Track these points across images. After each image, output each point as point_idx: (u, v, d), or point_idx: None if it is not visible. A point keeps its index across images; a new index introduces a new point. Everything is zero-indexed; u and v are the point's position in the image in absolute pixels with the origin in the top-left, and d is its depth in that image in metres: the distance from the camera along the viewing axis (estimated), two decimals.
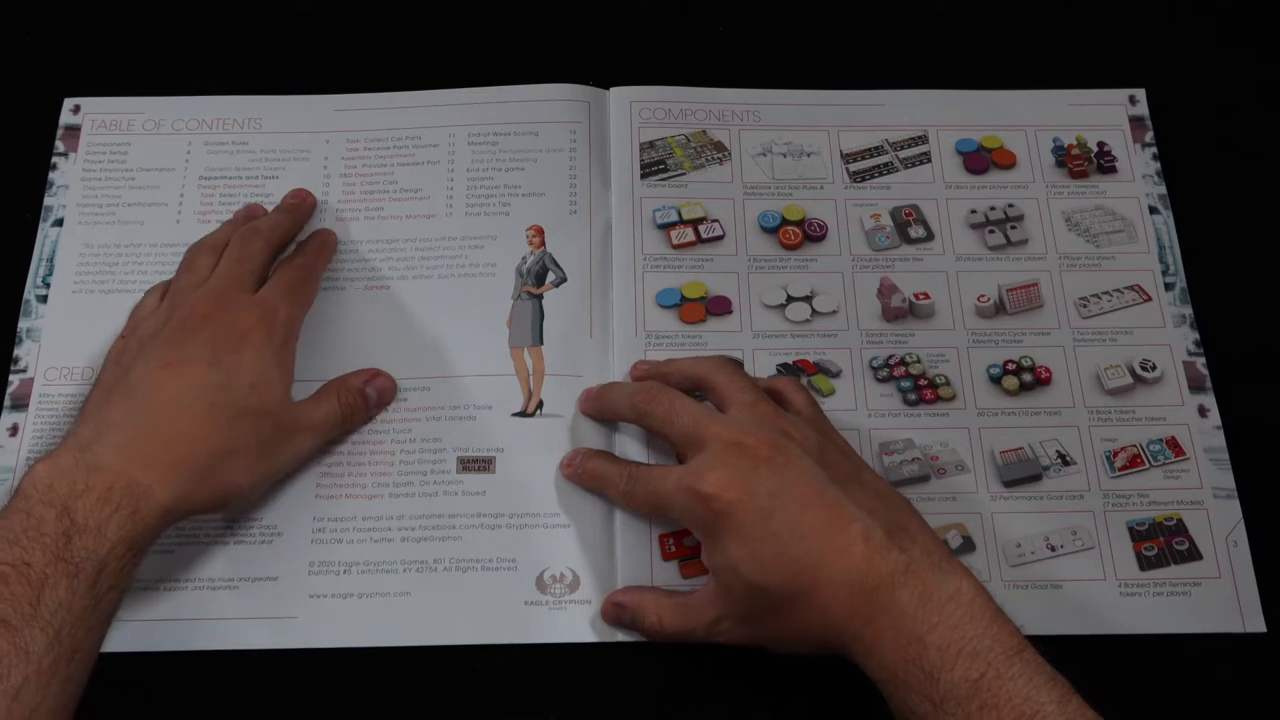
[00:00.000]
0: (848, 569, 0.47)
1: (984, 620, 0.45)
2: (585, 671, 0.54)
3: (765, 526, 0.48)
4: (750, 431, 0.50)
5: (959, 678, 0.44)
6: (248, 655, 0.54)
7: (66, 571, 0.45)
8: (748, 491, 0.48)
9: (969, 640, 0.45)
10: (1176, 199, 0.66)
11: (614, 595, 0.55)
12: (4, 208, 0.65)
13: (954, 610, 0.45)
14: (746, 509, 0.48)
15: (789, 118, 0.68)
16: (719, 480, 0.49)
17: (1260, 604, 0.56)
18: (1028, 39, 0.71)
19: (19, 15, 0.70)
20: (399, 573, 0.56)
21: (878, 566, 0.46)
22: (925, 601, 0.46)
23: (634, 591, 0.55)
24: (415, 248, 0.64)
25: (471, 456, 0.58)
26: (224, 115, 0.67)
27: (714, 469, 0.50)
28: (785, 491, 0.48)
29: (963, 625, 0.45)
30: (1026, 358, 0.62)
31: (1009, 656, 0.44)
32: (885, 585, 0.46)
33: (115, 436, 0.49)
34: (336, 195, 0.65)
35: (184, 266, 0.59)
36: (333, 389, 0.57)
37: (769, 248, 0.64)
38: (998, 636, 0.45)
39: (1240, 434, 0.60)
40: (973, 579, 0.47)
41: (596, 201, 0.65)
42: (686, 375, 0.57)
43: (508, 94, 0.68)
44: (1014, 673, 0.44)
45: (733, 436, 0.50)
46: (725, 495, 0.49)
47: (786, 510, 0.48)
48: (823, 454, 0.51)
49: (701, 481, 0.49)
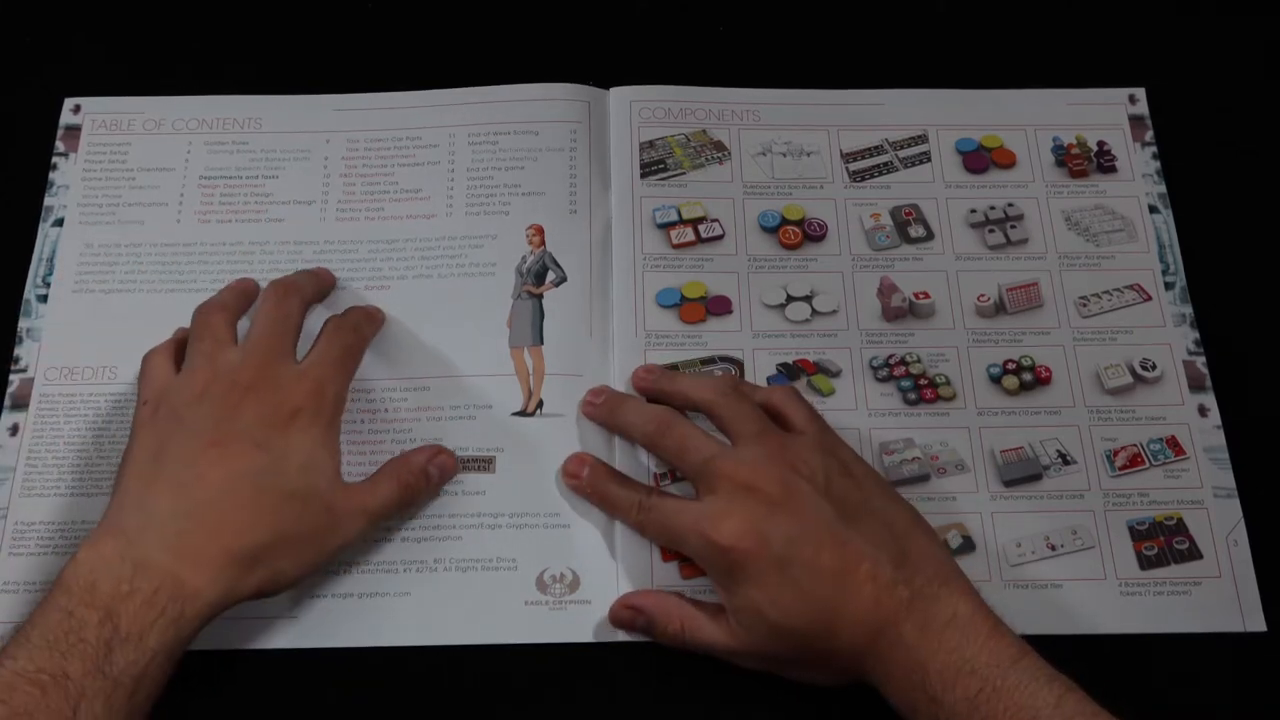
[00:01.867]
0: (859, 610, 0.48)
1: (980, 637, 0.47)
2: (585, 672, 0.54)
3: (784, 573, 0.49)
4: (761, 472, 0.51)
5: (959, 697, 0.46)
6: (247, 655, 0.54)
7: (104, 688, 0.43)
8: (763, 539, 0.49)
9: (967, 660, 0.46)
10: (1176, 198, 0.66)
11: (629, 599, 0.54)
12: (4, 208, 0.65)
13: (952, 635, 0.47)
14: (763, 557, 0.49)
15: (789, 117, 0.68)
16: (735, 530, 0.50)
17: (1261, 603, 0.56)
18: (1027, 39, 0.71)
19: (19, 15, 0.71)
20: (399, 573, 0.56)
21: (885, 605, 0.48)
22: (925, 631, 0.47)
23: (652, 595, 0.54)
24: (415, 248, 0.64)
25: (471, 456, 0.58)
26: (224, 115, 0.67)
27: (729, 517, 0.50)
28: (800, 536, 0.49)
29: (961, 647, 0.47)
30: (1026, 357, 0.62)
31: (1006, 668, 0.46)
32: (891, 622, 0.48)
33: (162, 529, 0.47)
34: (336, 195, 0.65)
35: (198, 329, 0.55)
36: (392, 470, 0.55)
37: (769, 247, 0.64)
38: (995, 650, 0.46)
39: (1240, 433, 0.60)
40: (970, 599, 0.48)
41: (596, 201, 0.65)
42: (691, 399, 0.57)
43: (508, 94, 0.68)
44: (1011, 683, 0.45)
45: (745, 479, 0.51)
46: (741, 545, 0.49)
47: (802, 554, 0.49)
48: (829, 486, 0.51)
49: (717, 531, 0.50)
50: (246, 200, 0.65)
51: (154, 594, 0.45)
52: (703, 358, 0.61)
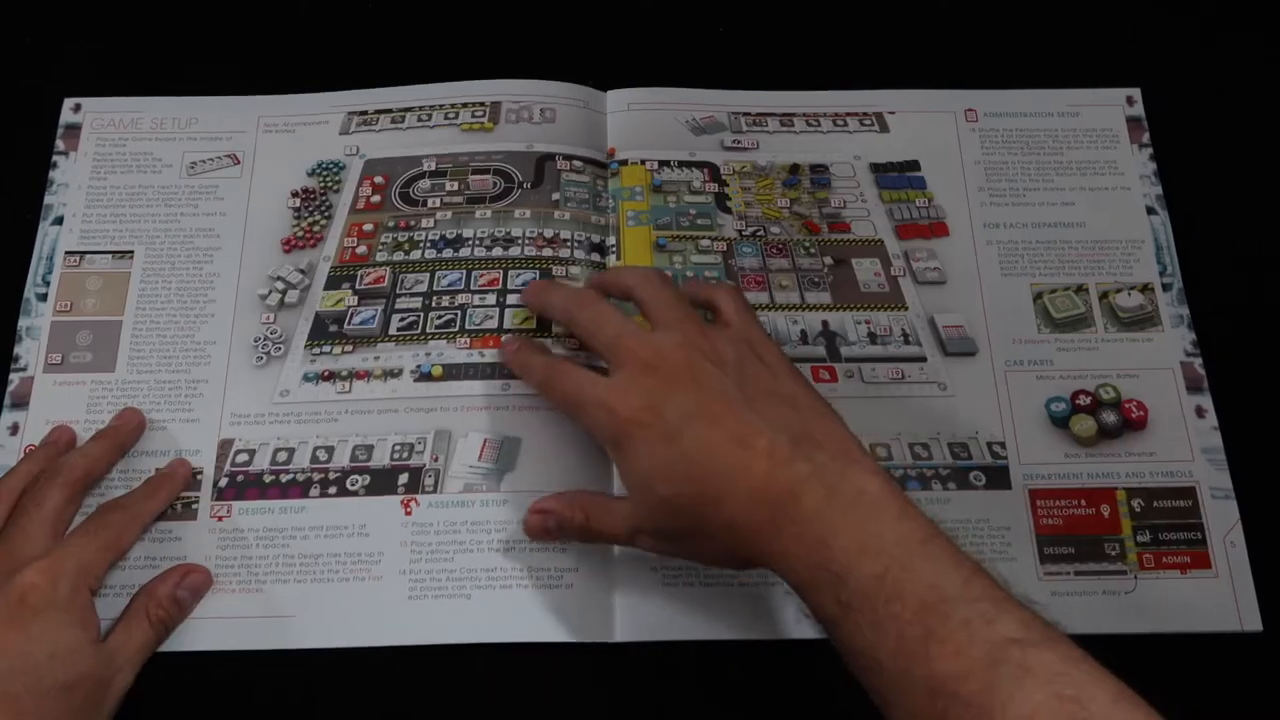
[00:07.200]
0: (751, 483, 0.47)
1: (889, 517, 0.45)
2: (580, 672, 0.54)
3: (674, 445, 0.48)
4: (667, 353, 0.51)
5: (865, 575, 0.44)
6: (246, 655, 0.54)
7: None
8: (658, 412, 0.49)
9: (873, 537, 0.44)
10: (1173, 199, 0.66)
11: (537, 504, 0.55)
12: (4, 207, 0.65)
13: (858, 511, 0.45)
14: (656, 428, 0.49)
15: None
16: (632, 403, 0.50)
17: (1258, 603, 0.56)
18: (1027, 39, 0.71)
19: (19, 15, 0.71)
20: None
21: (780, 478, 0.47)
22: (828, 505, 0.46)
23: (556, 496, 0.55)
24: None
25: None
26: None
27: (629, 391, 0.50)
28: (697, 411, 0.49)
29: (867, 524, 0.45)
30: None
31: (914, 548, 0.44)
32: (789, 494, 0.46)
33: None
34: None
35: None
36: (140, 608, 0.52)
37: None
38: (903, 531, 0.45)
39: (1238, 434, 0.60)
40: (880, 477, 0.46)
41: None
42: (619, 285, 0.57)
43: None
44: (918, 563, 0.44)
45: (648, 357, 0.51)
46: (638, 417, 0.49)
47: (694, 428, 0.48)
48: (740, 369, 0.51)
49: (616, 401, 0.50)
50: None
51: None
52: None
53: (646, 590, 0.56)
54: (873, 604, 0.43)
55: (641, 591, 0.56)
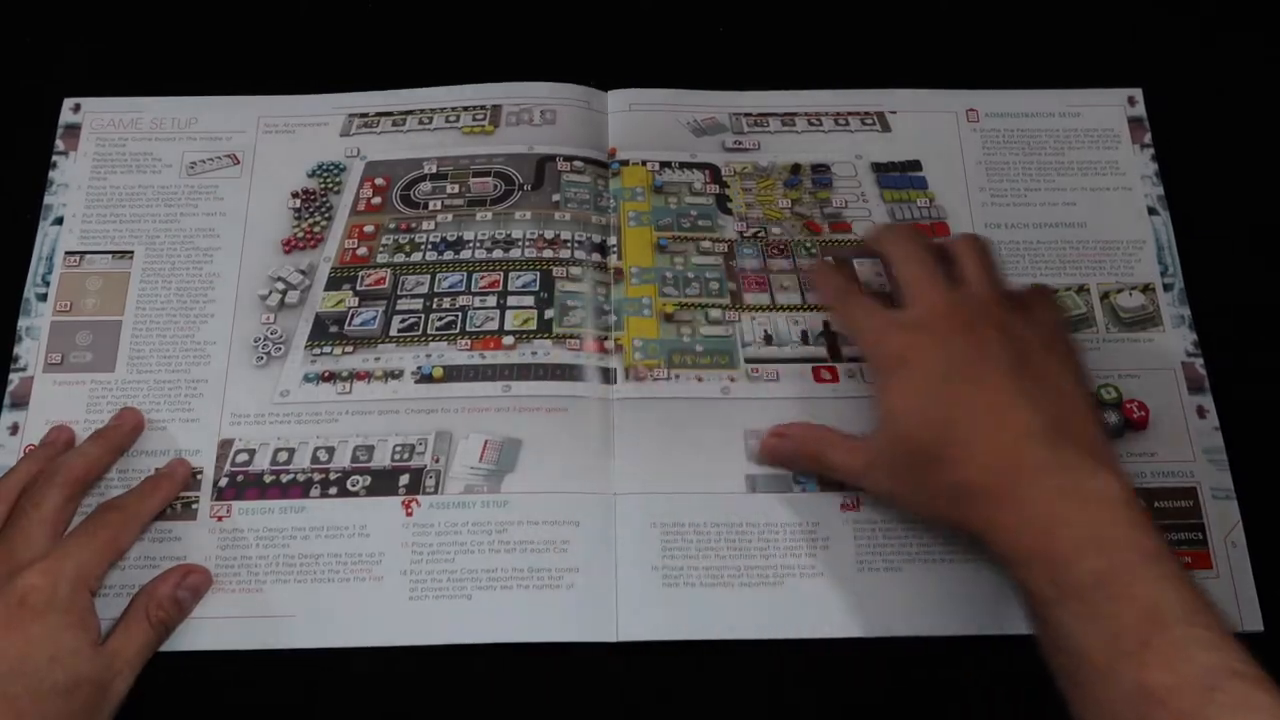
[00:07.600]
0: (994, 451, 0.48)
1: (1124, 522, 0.45)
2: (581, 672, 0.54)
3: (935, 391, 0.50)
4: (960, 307, 0.52)
5: (1087, 569, 0.44)
6: (247, 655, 0.54)
7: None
8: (930, 356, 0.51)
9: (1106, 539, 0.45)
10: (1175, 200, 0.66)
11: (778, 427, 0.57)
12: (4, 207, 0.65)
13: (1093, 508, 0.46)
14: (922, 371, 0.51)
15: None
16: (910, 340, 0.52)
17: (1259, 603, 0.56)
18: (1027, 39, 0.71)
19: (19, 15, 0.71)
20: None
21: (1024, 456, 0.48)
22: (1063, 496, 0.46)
23: (797, 423, 0.57)
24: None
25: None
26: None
27: (912, 329, 0.52)
28: (966, 367, 0.50)
29: (1100, 522, 0.46)
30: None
31: (1144, 558, 0.44)
32: (1027, 475, 0.47)
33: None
34: None
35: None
36: (140, 608, 0.52)
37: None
38: (1136, 539, 0.45)
39: (1239, 434, 0.60)
40: (1123, 483, 0.47)
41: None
42: (950, 248, 0.56)
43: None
44: (1145, 573, 0.44)
45: (942, 306, 0.52)
46: (910, 356, 0.51)
47: (958, 384, 0.50)
48: (1025, 349, 0.51)
49: (896, 332, 0.52)
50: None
51: None
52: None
53: (647, 590, 0.55)
54: (1092, 597, 0.44)
55: (642, 592, 0.55)
